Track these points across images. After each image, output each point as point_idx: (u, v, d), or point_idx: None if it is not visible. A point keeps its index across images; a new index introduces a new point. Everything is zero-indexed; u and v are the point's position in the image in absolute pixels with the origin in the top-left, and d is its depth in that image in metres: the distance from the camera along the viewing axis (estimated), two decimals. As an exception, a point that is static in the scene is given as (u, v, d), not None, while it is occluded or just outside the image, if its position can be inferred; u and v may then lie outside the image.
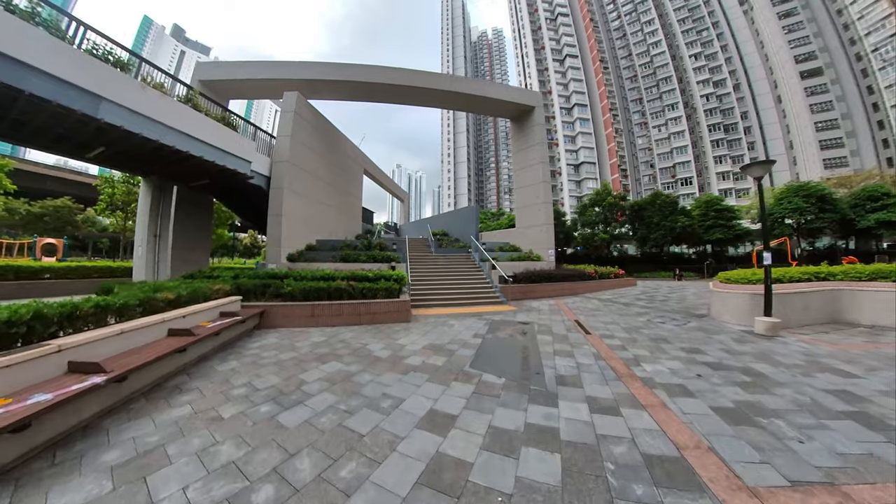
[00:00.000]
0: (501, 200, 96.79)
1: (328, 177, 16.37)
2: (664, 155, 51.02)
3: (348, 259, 11.82)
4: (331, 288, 7.81)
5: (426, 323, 7.50)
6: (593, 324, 7.52)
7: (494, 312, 8.86)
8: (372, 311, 7.52)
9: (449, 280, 11.39)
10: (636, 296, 12.86)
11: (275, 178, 13.20)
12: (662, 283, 20.10)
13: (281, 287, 8.09)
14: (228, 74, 15.74)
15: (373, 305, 7.54)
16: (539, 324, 7.46)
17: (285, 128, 13.71)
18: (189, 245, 14.73)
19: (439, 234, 18.61)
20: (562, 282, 12.45)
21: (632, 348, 5.43)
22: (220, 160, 11.03)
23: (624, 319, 8.03)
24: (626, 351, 5.27)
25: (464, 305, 9.77)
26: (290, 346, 5.75)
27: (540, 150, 14.93)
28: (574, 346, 5.59)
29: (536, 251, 13.98)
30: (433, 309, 9.19)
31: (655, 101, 52.80)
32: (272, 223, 12.72)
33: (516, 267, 12.51)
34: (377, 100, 16.55)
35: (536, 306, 10.05)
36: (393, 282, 8.43)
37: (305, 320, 7.43)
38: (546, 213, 14.47)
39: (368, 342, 5.90)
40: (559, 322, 7.70)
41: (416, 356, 4.97)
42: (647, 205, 25.41)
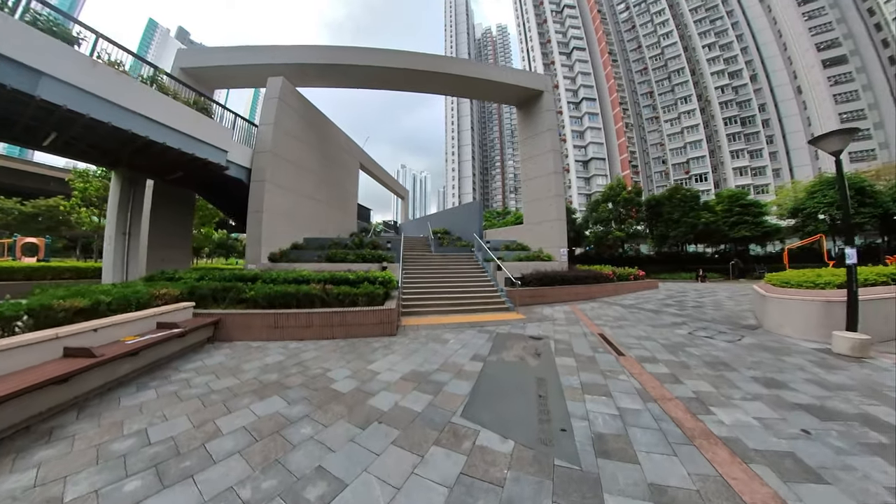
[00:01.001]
0: (507, 200, 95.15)
1: (318, 170, 15.11)
2: (677, 150, 48.97)
3: (334, 259, 10.52)
4: (300, 293, 6.49)
5: (415, 337, 6.12)
6: (623, 339, 6.06)
7: (500, 322, 7.45)
8: (348, 321, 6.17)
9: (448, 282, 10.01)
10: (662, 301, 11.33)
11: (255, 170, 11.97)
12: (685, 285, 18.38)
13: (243, 291, 6.81)
14: (211, 61, 14.59)
15: (349, 315, 6.19)
16: (556, 339, 6.03)
17: (268, 115, 12.49)
18: (168, 244, 13.63)
19: (440, 232, 17.27)
20: (576, 284, 10.98)
21: (686, 378, 3.99)
22: (188, 148, 9.82)
23: (659, 332, 6.55)
24: (679, 384, 3.83)
25: (464, 313, 8.38)
26: (235, 369, 4.46)
27: (550, 137, 13.47)
28: (607, 374, 4.16)
29: (547, 250, 12.52)
30: (427, 317, 7.82)
31: (667, 95, 50.78)
32: (252, 220, 11.49)
33: (524, 268, 11.08)
34: (373, 86, 15.27)
35: (549, 314, 8.61)
36: (378, 285, 7.08)
37: (268, 332, 6.13)
38: (558, 208, 12.99)
39: (333, 367, 4.55)
40: (580, 336, 6.26)
41: (389, 393, 3.60)
42: (666, 200, 23.60)
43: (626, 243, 26.02)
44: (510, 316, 8.12)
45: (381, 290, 6.87)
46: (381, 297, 6.72)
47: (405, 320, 7.54)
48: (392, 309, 6.29)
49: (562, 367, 4.41)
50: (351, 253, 10.64)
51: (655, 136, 51.89)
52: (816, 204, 19.51)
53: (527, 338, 6.06)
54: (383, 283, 7.26)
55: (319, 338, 6.14)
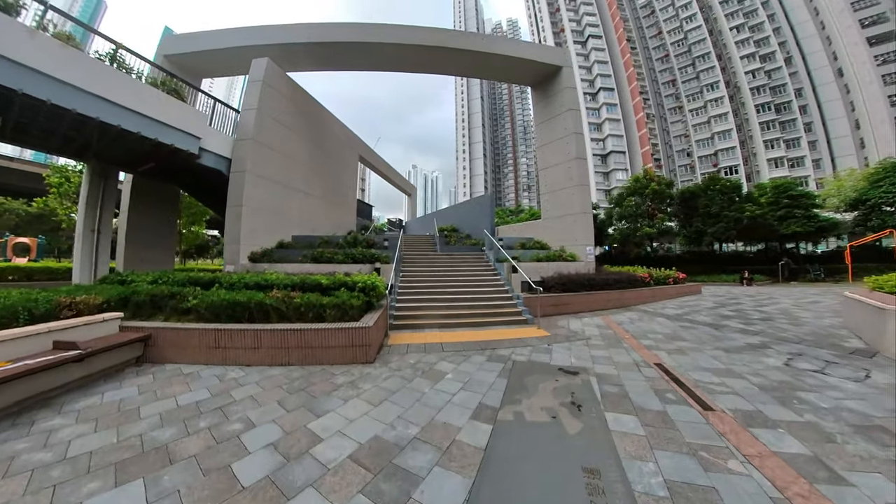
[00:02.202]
0: (520, 198, 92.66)
1: (310, 162, 13.70)
2: (704, 141, 45.77)
3: (320, 259, 9.04)
4: (252, 303, 4.97)
5: (399, 367, 4.47)
6: (694, 373, 4.26)
7: (516, 342, 5.72)
8: (308, 342, 4.61)
9: (453, 288, 8.35)
10: (715, 310, 9.34)
11: (236, 159, 10.62)
12: (731, 289, 15.99)
13: (185, 299, 5.37)
14: (196, 46, 13.36)
15: (309, 334, 4.62)
16: (598, 373, 4.28)
17: (251, 99, 11.14)
18: (148, 243, 12.52)
19: (447, 229, 15.61)
20: (606, 289, 9.13)
21: (835, 461, 2.20)
22: (150, 132, 8.52)
23: (740, 361, 4.71)
24: (839, 482, 2.03)
25: (471, 327, 6.70)
26: (131, 414, 3.12)
27: (571, 118, 11.61)
28: (704, 459, 2.40)
29: (570, 249, 10.67)
30: (424, 333, 6.17)
31: (692, 82, 47.58)
32: (230, 215, 10.15)
33: (543, 269, 9.31)
34: (371, 67, 13.76)
35: (578, 328, 6.82)
36: (357, 294, 5.48)
37: (207, 354, 4.69)
38: (582, 199, 11.10)
39: (261, 419, 2.99)
40: (630, 368, 4.48)
41: (317, 495, 1.95)
42: (702, 192, 21.02)
43: (655, 241, 23.42)
44: (529, 332, 6.39)
45: (359, 300, 5.27)
46: (356, 309, 5.11)
47: (395, 337, 5.92)
48: (368, 328, 4.67)
49: (620, 437, 2.68)
50: (340, 252, 9.12)
51: (679, 128, 48.75)
52: (883, 194, 16.80)
53: (556, 370, 4.32)
54: (365, 291, 5.66)
55: (271, 363, 4.62)
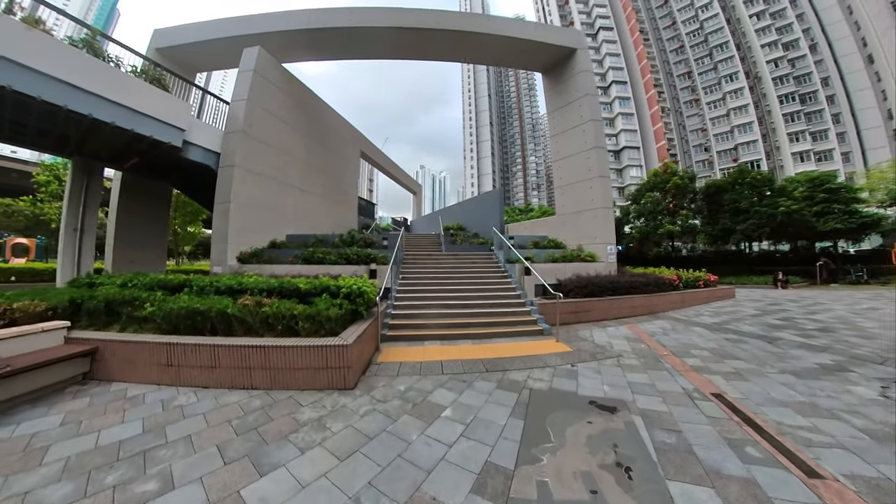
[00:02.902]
0: (529, 197, 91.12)
1: (308, 157, 12.93)
2: (723, 135, 43.78)
3: (311, 259, 8.21)
4: (212, 312, 4.14)
5: (384, 398, 3.54)
6: (771, 410, 3.22)
7: (532, 359, 4.74)
8: (272, 363, 3.76)
9: (458, 292, 7.41)
10: (759, 318, 8.17)
11: (224, 153, 9.89)
12: (766, 292, 14.51)
13: (142, 306, 4.61)
14: (187, 38, 12.74)
15: (274, 352, 3.76)
16: (641, 408, 3.29)
17: (241, 90, 10.40)
18: (138, 243, 11.93)
19: (453, 228, 14.71)
20: (632, 294, 8.05)
21: None
22: (125, 122, 7.82)
23: (821, 390, 3.65)
24: None
25: (477, 339, 5.74)
26: (22, 461, 2.40)
27: (588, 104, 10.54)
28: None
29: (589, 248, 9.60)
30: (422, 348, 5.24)
31: (709, 73, 45.61)
32: (218, 212, 9.43)
33: (560, 271, 8.29)
34: (370, 54, 12.92)
35: (604, 341, 5.80)
36: (340, 301, 4.60)
37: (158, 372, 3.93)
38: (602, 192, 9.95)
39: (180, 480, 2.10)
40: (681, 400, 3.47)
41: None
42: (729, 186, 19.45)
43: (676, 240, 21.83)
44: (547, 346, 5.39)
45: (340, 309, 4.37)
46: (334, 321, 4.20)
47: (387, 352, 5.01)
48: (346, 346, 3.75)
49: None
50: (332, 253, 8.27)
51: (696, 122, 46.81)
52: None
53: (587, 405, 3.33)
54: (350, 298, 4.76)
55: (231, 386, 3.78)
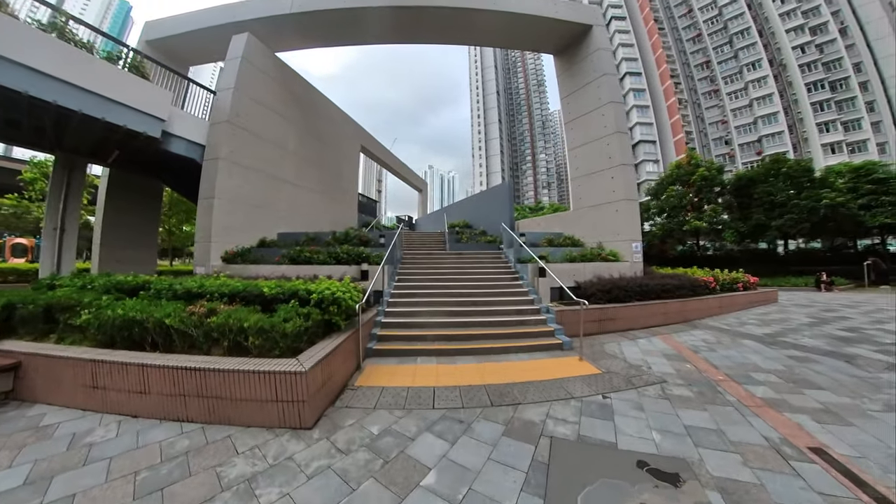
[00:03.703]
0: (539, 195, 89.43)
1: (303, 151, 12.15)
2: (745, 127, 41.57)
3: (298, 259, 7.37)
4: (150, 322, 3.33)
5: (348, 448, 2.60)
6: (934, 490, 2.12)
7: (551, 386, 3.73)
8: (212, 389, 2.97)
9: (462, 296, 6.46)
10: (817, 327, 6.95)
11: (209, 146, 9.18)
12: (809, 295, 13.07)
13: (79, 313, 3.84)
14: (177, 28, 12.10)
15: (212, 377, 2.92)
16: (715, 475, 2.25)
17: (228, 79, 9.69)
18: (127, 242, 11.39)
19: (459, 225, 13.74)
20: (663, 299, 6.93)
21: None
22: (97, 111, 7.14)
23: None
24: None
25: (482, 355, 4.76)
26: None
27: (607, 84, 9.41)
28: None
29: (610, 245, 8.45)
30: (413, 366, 4.29)
31: (729, 62, 43.40)
32: (201, 208, 8.73)
33: (578, 272, 7.22)
34: (365, 38, 12.07)
35: (638, 358, 4.74)
36: (309, 311, 3.70)
37: (84, 395, 3.25)
38: (625, 183, 8.75)
39: None
40: (769, 458, 2.42)
41: None
42: (762, 177, 17.69)
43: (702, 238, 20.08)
44: (568, 366, 4.38)
45: (301, 321, 3.46)
46: (291, 337, 3.28)
47: (370, 371, 4.08)
48: (301, 374, 2.83)
49: None
50: (322, 252, 7.41)
51: (715, 113, 44.65)
52: None
53: (636, 470, 2.31)
54: (321, 306, 3.85)
55: (164, 416, 2.98)
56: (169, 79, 10.73)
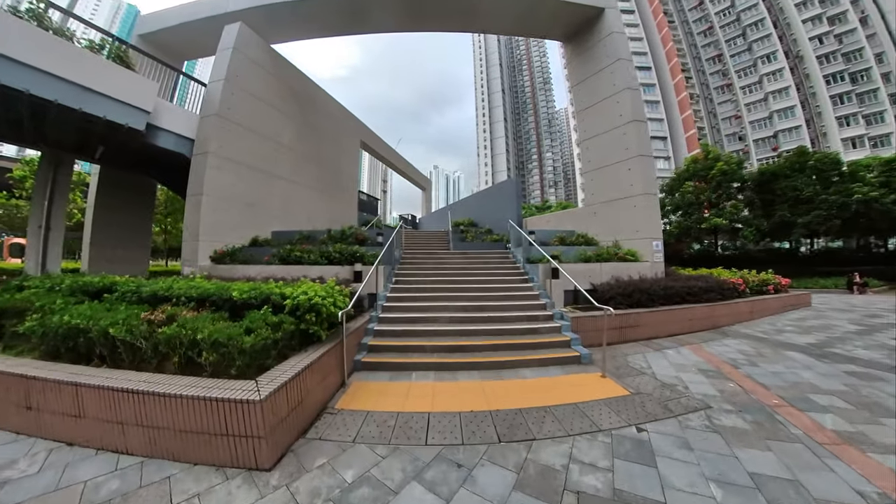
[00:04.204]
0: (546, 194, 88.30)
1: (300, 146, 11.64)
2: (760, 122, 40.23)
3: (288, 259, 6.84)
4: (94, 331, 2.78)
5: (314, 497, 2.00)
6: None
7: (572, 415, 3.09)
8: (153, 418, 2.44)
9: (465, 300, 5.86)
10: (868, 335, 6.19)
11: (199, 140, 8.70)
12: (844, 297, 12.12)
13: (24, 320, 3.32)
14: (170, 21, 11.67)
15: (152, 402, 2.38)
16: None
17: (219, 70, 9.19)
18: (118, 241, 11.01)
19: (464, 223, 13.13)
20: (690, 303, 6.23)
21: None
22: (73, 101, 6.69)
23: None
24: None
25: (488, 370, 4.14)
26: None
27: (622, 70, 8.70)
28: None
29: (627, 244, 7.72)
30: (407, 384, 3.69)
31: (743, 55, 42.06)
32: (190, 205, 8.27)
33: (594, 273, 6.56)
34: (365, 27, 11.52)
35: (671, 376, 4.07)
36: (281, 319, 3.12)
37: (19, 418, 2.69)
38: (644, 175, 7.93)
39: None
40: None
41: None
42: (785, 171, 16.60)
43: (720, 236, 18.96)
44: (590, 386, 3.74)
45: (271, 333, 2.88)
46: (250, 354, 2.70)
47: (356, 389, 3.50)
48: (256, 402, 2.24)
49: None
50: (313, 251, 6.86)
51: (728, 108, 43.33)
52: None
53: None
54: (296, 314, 3.27)
55: (101, 445, 2.52)
56: (162, 73, 10.34)
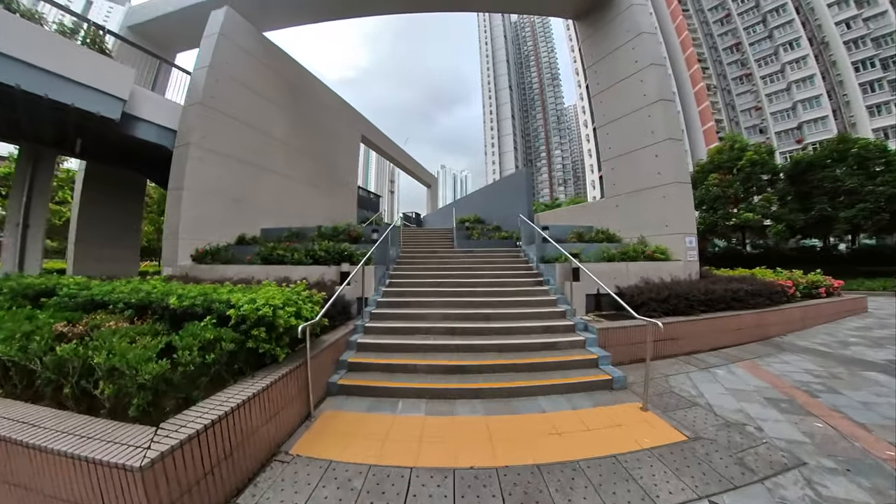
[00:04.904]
0: (556, 193, 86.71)
1: (293, 140, 10.94)
2: (782, 113, 38.23)
3: (270, 258, 6.09)
4: None
5: None
6: None
7: (607, 471, 2.21)
8: (17, 476, 1.50)
9: (469, 306, 5.03)
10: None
11: (181, 131, 8.07)
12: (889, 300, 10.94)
13: None
14: (160, 10, 11.11)
15: (16, 454, 1.50)
16: None
17: (204, 57, 8.55)
18: (105, 240, 10.54)
19: (470, 220, 12.29)
20: (734, 309, 5.26)
21: None
22: (37, 86, 6.14)
23: None
24: None
25: (494, 398, 3.27)
26: None
27: (645, 45, 7.69)
28: None
29: (654, 241, 6.74)
30: (391, 416, 2.86)
31: (763, 43, 40.06)
32: (170, 201, 7.66)
33: (620, 274, 5.63)
34: (363, 9, 10.77)
35: (732, 409, 3.13)
36: (220, 337, 2.29)
37: None
38: (674, 161, 6.86)
39: None
40: None
41: None
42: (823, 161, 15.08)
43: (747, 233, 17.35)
44: (631, 426, 2.86)
45: (197, 354, 2.07)
46: (146, 388, 1.90)
47: (324, 424, 2.68)
48: (133, 469, 1.44)
49: None
50: (300, 249, 6.11)
51: (748, 100, 41.38)
52: None
53: None
54: (241, 329, 2.47)
55: None
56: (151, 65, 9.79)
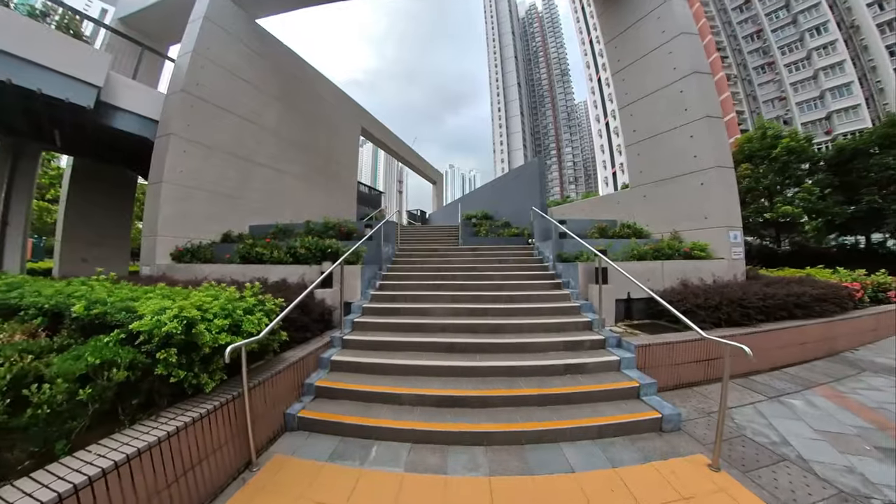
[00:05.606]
0: (566, 190, 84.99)
1: (287, 132, 10.28)
2: (808, 103, 36.13)
3: (249, 257, 5.38)
4: None
5: None
6: None
7: None
8: None
9: (474, 312, 4.21)
10: None
11: (162, 120, 7.47)
12: None
13: None
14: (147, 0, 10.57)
15: None
16: None
17: (188, 42, 7.96)
18: (94, 239, 10.14)
19: (477, 216, 11.49)
20: (797, 318, 4.30)
21: None
22: None
23: None
24: None
25: (499, 445, 2.44)
26: None
27: (672, 13, 6.61)
28: None
29: (690, 236, 5.77)
30: (355, 471, 2.06)
31: (787, 29, 37.96)
32: (150, 195, 7.13)
33: (652, 275, 4.71)
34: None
35: (838, 464, 2.23)
36: (113, 355, 1.50)
37: None
38: (715, 142, 5.89)
39: None
40: None
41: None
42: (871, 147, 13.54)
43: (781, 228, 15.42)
44: (698, 498, 1.98)
45: (67, 388, 1.31)
46: None
47: (268, 476, 1.89)
48: None
49: None
50: (280, 247, 5.39)
51: (771, 90, 39.32)
52: None
53: None
54: (143, 349, 1.69)
55: None
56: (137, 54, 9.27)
